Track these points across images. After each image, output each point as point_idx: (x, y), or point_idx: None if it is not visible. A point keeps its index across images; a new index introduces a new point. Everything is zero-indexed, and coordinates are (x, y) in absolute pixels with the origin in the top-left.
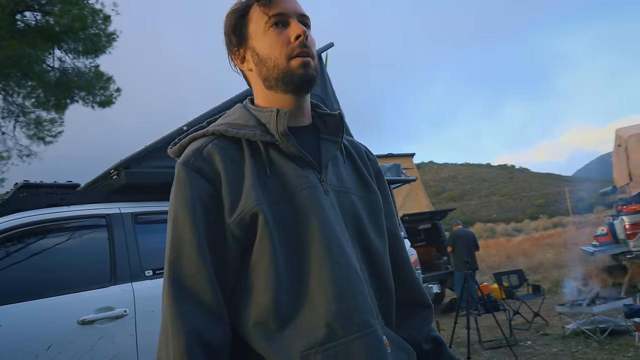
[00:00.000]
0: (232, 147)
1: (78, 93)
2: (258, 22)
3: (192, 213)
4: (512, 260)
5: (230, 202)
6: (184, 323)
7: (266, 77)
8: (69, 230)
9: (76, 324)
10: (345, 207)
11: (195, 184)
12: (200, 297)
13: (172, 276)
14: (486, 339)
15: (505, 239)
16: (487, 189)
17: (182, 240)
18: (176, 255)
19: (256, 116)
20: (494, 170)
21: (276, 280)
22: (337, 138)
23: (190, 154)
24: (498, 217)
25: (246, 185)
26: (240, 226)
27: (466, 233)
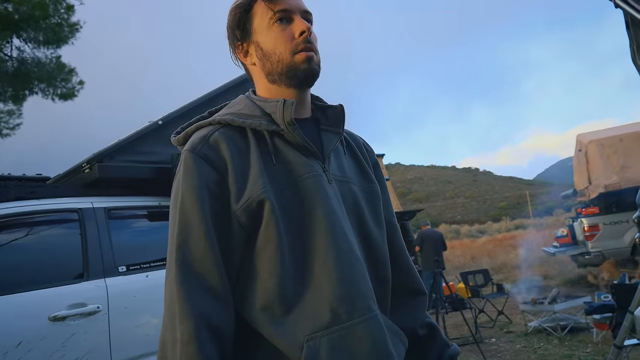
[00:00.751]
0: (238, 136)
1: (38, 84)
2: (262, 17)
3: (200, 199)
4: (476, 261)
5: (236, 189)
6: (193, 307)
7: (270, 71)
8: (39, 225)
9: (47, 321)
10: (347, 197)
11: (202, 170)
12: (208, 281)
13: (179, 260)
14: (452, 337)
15: (469, 240)
16: (452, 191)
17: (189, 225)
18: (184, 239)
19: (261, 107)
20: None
21: (281, 266)
22: (338, 129)
23: (198, 141)
24: (462, 219)
25: (252, 173)
26: (247, 213)
27: (434, 233)
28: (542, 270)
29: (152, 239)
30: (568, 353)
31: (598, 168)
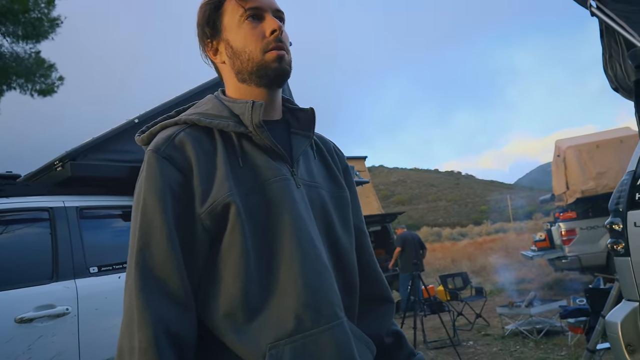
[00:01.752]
0: (204, 137)
1: (16, 80)
2: (233, 15)
3: (162, 201)
4: (457, 264)
5: (201, 192)
6: (151, 313)
7: (240, 70)
8: (7, 223)
9: (13, 322)
10: (315, 202)
11: (165, 171)
12: (168, 287)
13: (139, 264)
14: (431, 339)
15: (450, 242)
16: (435, 194)
17: (151, 227)
18: (144, 243)
19: (229, 107)
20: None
21: (246, 271)
22: (308, 132)
23: (162, 142)
24: (444, 222)
25: (218, 176)
26: (212, 216)
27: (412, 236)
28: (521, 274)
29: (125, 239)
30: (543, 356)
31: (575, 173)
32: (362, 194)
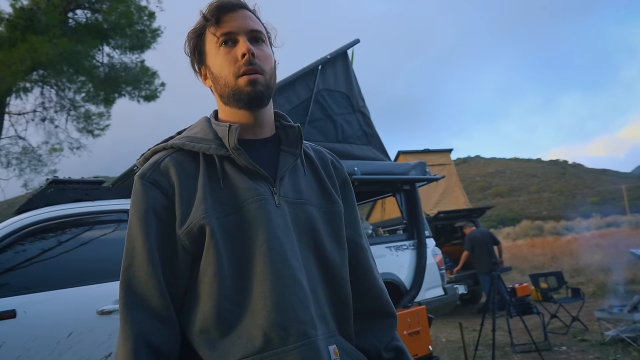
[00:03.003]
0: (189, 161)
1: (125, 88)
2: (211, 42)
3: (145, 224)
4: (557, 261)
5: (181, 214)
6: (132, 327)
7: (221, 94)
8: (91, 224)
9: (95, 314)
10: (300, 218)
11: (149, 195)
12: (149, 302)
13: (124, 283)
14: (519, 342)
15: (553, 237)
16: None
17: (134, 248)
18: (129, 264)
19: (215, 130)
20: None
21: (219, 289)
22: (295, 150)
23: (148, 167)
24: (548, 215)
25: (197, 198)
26: (189, 237)
27: (482, 233)
28: (630, 275)
29: None
30: None
31: None
32: (448, 188)
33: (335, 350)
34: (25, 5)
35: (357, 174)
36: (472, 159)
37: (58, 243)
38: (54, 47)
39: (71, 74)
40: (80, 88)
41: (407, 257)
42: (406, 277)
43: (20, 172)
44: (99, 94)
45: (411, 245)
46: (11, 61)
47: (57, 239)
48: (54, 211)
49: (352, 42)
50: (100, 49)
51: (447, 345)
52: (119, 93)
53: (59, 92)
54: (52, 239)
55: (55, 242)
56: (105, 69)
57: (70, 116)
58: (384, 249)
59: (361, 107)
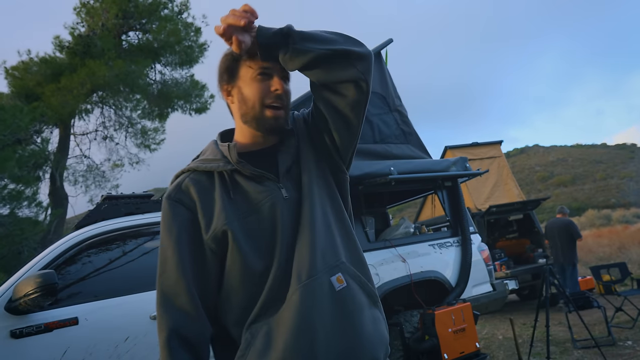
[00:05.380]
0: (204, 179)
1: (177, 102)
2: (248, 69)
3: (173, 236)
4: (624, 251)
5: (205, 223)
6: (166, 322)
7: (244, 114)
8: (142, 236)
9: (149, 319)
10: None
11: (175, 212)
12: (179, 301)
13: (159, 286)
14: (581, 338)
15: (622, 226)
16: (604, 172)
17: (165, 258)
18: (162, 271)
19: (221, 150)
20: (611, 151)
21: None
22: (290, 149)
23: (172, 189)
24: (617, 202)
25: (217, 208)
26: (215, 241)
27: (556, 223)
28: None
29: None
30: None
31: None
32: (500, 180)
33: (340, 277)
34: (82, 32)
35: (394, 174)
36: (531, 149)
37: (113, 254)
38: (110, 69)
39: (127, 93)
40: (136, 106)
41: (451, 255)
42: (451, 274)
43: (86, 188)
44: (154, 110)
45: (455, 242)
46: (73, 86)
47: (112, 251)
48: (108, 225)
49: (386, 42)
50: (152, 67)
51: (503, 342)
52: (172, 108)
53: (117, 111)
54: (107, 251)
55: (110, 254)
56: (158, 85)
57: (129, 133)
58: (427, 247)
59: (398, 107)
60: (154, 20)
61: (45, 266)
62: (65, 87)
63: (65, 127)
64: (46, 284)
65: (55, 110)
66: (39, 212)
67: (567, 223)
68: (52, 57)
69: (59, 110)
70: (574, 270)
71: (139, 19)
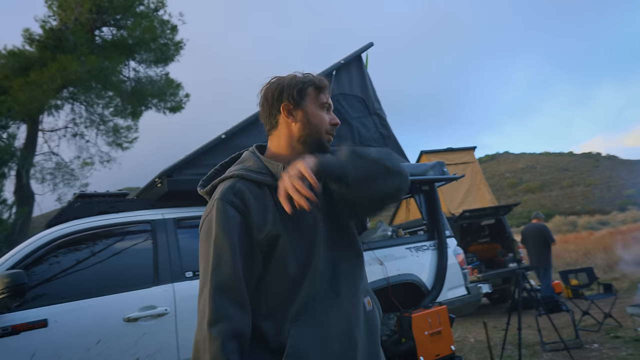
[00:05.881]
0: (253, 186)
1: (151, 100)
2: (314, 99)
3: (229, 234)
4: (590, 257)
5: (258, 225)
6: (222, 314)
7: (306, 134)
8: (117, 235)
9: (122, 321)
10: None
11: (231, 213)
12: (233, 294)
13: (214, 279)
14: (550, 341)
15: (587, 232)
16: (570, 179)
17: (222, 254)
18: (217, 264)
19: (266, 165)
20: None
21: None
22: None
23: (226, 191)
24: (582, 209)
25: (269, 215)
26: (268, 243)
27: (531, 228)
28: None
29: None
30: None
31: None
32: (473, 186)
33: (369, 300)
34: (54, 25)
35: None
36: (501, 155)
37: (86, 254)
38: (82, 64)
39: (99, 89)
40: (108, 103)
41: (427, 258)
42: (427, 277)
43: (54, 186)
44: (127, 108)
45: (432, 245)
46: (42, 80)
47: (85, 251)
48: (81, 224)
49: (366, 45)
50: (126, 64)
51: (475, 345)
52: (146, 106)
53: (89, 107)
54: (80, 251)
55: (83, 254)
56: (132, 83)
57: (100, 131)
58: (404, 250)
59: (377, 110)
60: (129, 17)
61: (14, 266)
62: (34, 81)
63: (33, 123)
64: (14, 284)
65: (23, 105)
66: (3, 211)
67: (540, 228)
68: (21, 51)
69: (27, 105)
70: (546, 274)
71: (114, 15)
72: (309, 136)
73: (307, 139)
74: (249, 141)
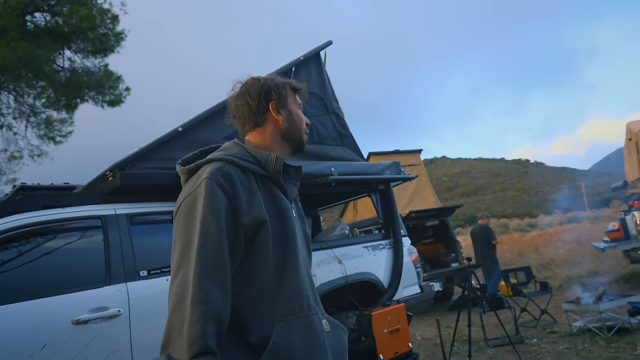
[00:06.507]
0: (239, 172)
1: (88, 93)
2: (295, 100)
3: (217, 213)
4: (523, 257)
5: (245, 209)
6: (207, 295)
7: (289, 132)
8: (63, 232)
9: (70, 324)
10: (304, 230)
11: (219, 194)
12: (219, 275)
13: (199, 257)
14: (492, 337)
15: (518, 234)
16: (501, 184)
17: (209, 232)
18: (203, 243)
19: (253, 154)
20: (508, 165)
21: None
22: (296, 182)
23: (215, 172)
24: (512, 212)
25: (256, 200)
26: (253, 228)
27: (476, 228)
28: (593, 267)
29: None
30: (614, 355)
31: None
32: (418, 188)
33: (327, 323)
34: None
35: (334, 175)
36: (439, 160)
37: (29, 252)
38: (11, 50)
39: (30, 78)
40: (40, 93)
41: (384, 256)
42: (384, 275)
43: None
44: (60, 100)
45: (387, 244)
46: None
47: (28, 248)
48: (24, 219)
49: (325, 43)
50: (61, 53)
51: (422, 342)
52: (82, 98)
53: (18, 97)
54: (22, 248)
55: (25, 251)
56: (67, 73)
57: (30, 123)
58: (361, 248)
59: (335, 109)
60: (65, 3)
61: None
62: None
63: None
64: None
65: None
66: None
67: (483, 228)
68: None
69: None
70: (492, 272)
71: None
72: (292, 133)
73: (291, 136)
74: (207, 135)
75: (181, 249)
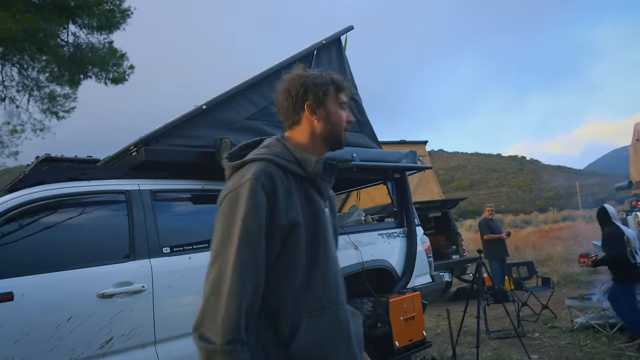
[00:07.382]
0: (280, 172)
1: (91, 69)
2: (334, 99)
3: (259, 213)
4: (520, 252)
5: (283, 209)
6: (244, 289)
7: (326, 132)
8: (89, 205)
9: (96, 297)
10: (335, 227)
11: (261, 195)
12: (256, 271)
13: (239, 253)
14: (494, 329)
15: (513, 230)
16: (497, 180)
17: (250, 230)
18: (243, 240)
19: (294, 154)
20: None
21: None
22: (331, 179)
23: (259, 173)
24: (506, 208)
25: (294, 202)
26: (289, 228)
27: (481, 222)
28: None
29: (195, 221)
30: (617, 352)
31: None
32: (422, 179)
33: None
34: None
35: (356, 160)
36: (436, 153)
37: (56, 223)
38: (17, 22)
39: (34, 52)
40: (44, 67)
41: (397, 245)
42: (397, 263)
43: None
44: (64, 75)
45: (401, 232)
46: None
47: (55, 219)
48: (51, 189)
49: (346, 28)
50: (66, 28)
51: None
52: (85, 74)
53: (22, 70)
54: (50, 219)
55: (52, 222)
56: (71, 48)
57: (33, 96)
58: (376, 235)
59: (354, 95)
60: None
61: None
62: None
63: None
64: None
65: None
66: None
67: (480, 222)
68: None
69: None
70: (496, 265)
71: None
72: (329, 133)
73: (327, 135)
74: (230, 114)
75: (220, 240)
